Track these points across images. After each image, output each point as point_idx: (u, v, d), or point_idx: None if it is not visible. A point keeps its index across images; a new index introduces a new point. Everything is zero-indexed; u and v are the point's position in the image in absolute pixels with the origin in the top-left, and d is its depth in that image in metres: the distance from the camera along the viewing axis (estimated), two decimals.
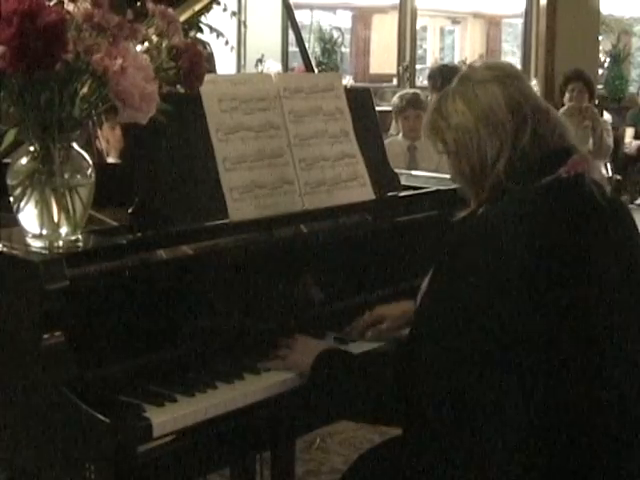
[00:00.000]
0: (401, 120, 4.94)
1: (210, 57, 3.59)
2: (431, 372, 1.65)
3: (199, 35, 3.05)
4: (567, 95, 6.41)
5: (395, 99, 5.04)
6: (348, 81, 7.41)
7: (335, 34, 8.40)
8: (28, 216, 1.65)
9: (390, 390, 1.71)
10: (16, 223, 1.68)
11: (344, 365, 1.81)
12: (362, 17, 10.37)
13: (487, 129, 1.71)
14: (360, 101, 2.31)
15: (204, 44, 3.13)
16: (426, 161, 4.78)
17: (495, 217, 1.67)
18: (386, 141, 3.31)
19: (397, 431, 1.86)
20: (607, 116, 7.79)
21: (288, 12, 2.75)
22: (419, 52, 9.45)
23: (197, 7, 2.65)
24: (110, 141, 2.32)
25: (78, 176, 1.66)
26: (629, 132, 8.72)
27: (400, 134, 4.96)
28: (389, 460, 1.86)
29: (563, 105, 6.32)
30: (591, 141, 6.06)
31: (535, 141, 1.71)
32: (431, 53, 11.00)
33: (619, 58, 9.78)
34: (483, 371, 1.60)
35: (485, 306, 1.60)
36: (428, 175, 2.83)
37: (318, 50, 8.09)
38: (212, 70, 3.46)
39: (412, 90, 5.59)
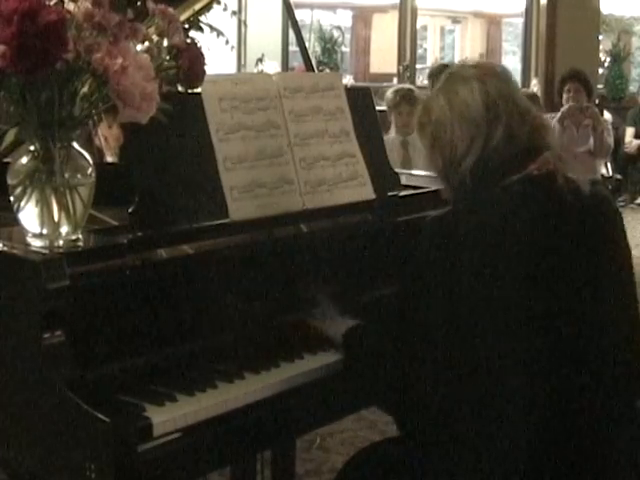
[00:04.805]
0: (394, 115, 4.87)
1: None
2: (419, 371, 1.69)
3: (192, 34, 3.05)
4: (565, 96, 6.41)
5: (389, 94, 4.95)
6: (348, 80, 7.42)
7: (335, 33, 8.41)
8: (28, 215, 1.65)
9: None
10: (16, 222, 1.68)
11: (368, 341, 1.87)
12: (362, 16, 10.37)
13: (460, 124, 1.75)
14: (360, 100, 2.31)
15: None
16: (420, 156, 4.75)
17: (461, 217, 1.70)
18: None
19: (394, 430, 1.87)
20: (607, 115, 7.80)
21: (288, 11, 2.75)
22: (419, 51, 9.46)
23: (197, 6, 2.65)
24: (108, 139, 2.32)
25: (78, 175, 1.66)
26: (629, 132, 8.73)
27: (393, 130, 4.91)
28: (385, 457, 1.87)
29: (562, 106, 6.32)
30: (591, 140, 6.07)
31: (508, 140, 1.74)
32: (431, 52, 11.01)
33: (619, 58, 9.79)
34: (468, 373, 1.63)
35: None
36: (428, 175, 2.83)
37: (318, 49, 8.10)
38: None
39: (407, 85, 5.54)
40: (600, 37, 9.39)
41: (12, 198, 1.66)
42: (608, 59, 9.71)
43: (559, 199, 1.68)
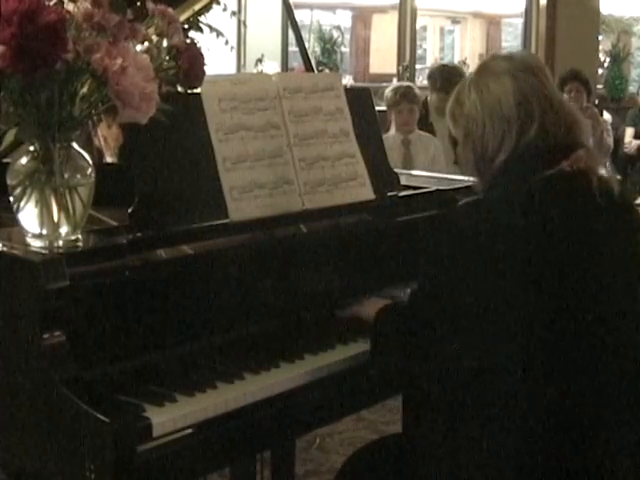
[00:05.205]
0: (394, 114, 4.84)
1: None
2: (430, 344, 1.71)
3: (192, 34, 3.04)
4: (565, 96, 6.39)
5: (388, 92, 4.92)
6: (348, 81, 7.41)
7: (335, 34, 8.39)
8: (28, 216, 1.65)
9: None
10: (16, 223, 1.68)
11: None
12: (362, 17, 10.36)
13: (492, 121, 1.74)
14: (360, 101, 2.31)
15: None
16: (421, 154, 4.74)
17: (491, 207, 1.69)
18: None
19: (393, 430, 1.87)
20: (607, 116, 7.78)
21: (288, 12, 2.75)
22: (419, 52, 9.44)
23: (197, 7, 2.65)
24: (107, 140, 2.32)
25: (78, 176, 1.66)
26: (629, 132, 8.72)
27: (393, 129, 4.89)
28: (383, 456, 1.88)
29: None
30: (591, 141, 6.07)
31: (541, 136, 1.72)
32: (431, 53, 10.99)
33: (619, 58, 9.77)
34: (475, 360, 1.62)
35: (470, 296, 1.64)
36: (428, 175, 2.83)
37: (318, 50, 8.09)
38: None
39: (406, 83, 5.52)
40: (600, 37, 9.38)
41: (12, 198, 1.66)
42: (608, 59, 9.70)
43: (589, 198, 1.68)
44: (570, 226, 1.66)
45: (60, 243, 1.65)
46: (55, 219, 1.64)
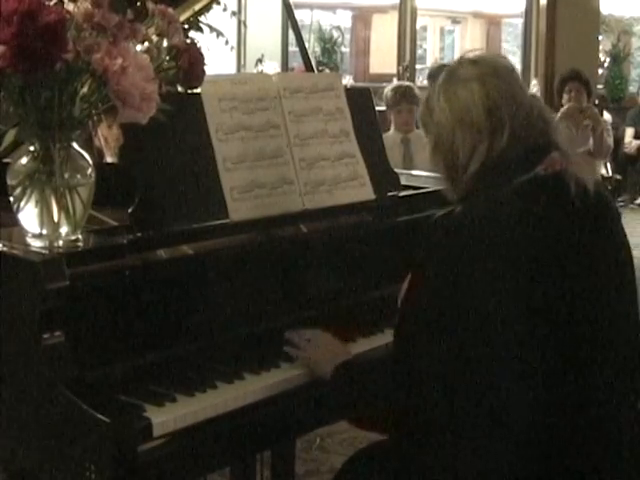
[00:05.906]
0: (394, 114, 4.83)
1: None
2: (422, 374, 1.66)
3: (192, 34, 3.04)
4: (565, 96, 6.40)
5: (388, 92, 4.89)
6: (348, 81, 7.41)
7: (335, 34, 8.41)
8: (28, 216, 1.65)
9: (389, 395, 1.74)
10: (16, 223, 1.68)
11: (361, 377, 1.82)
12: (362, 17, 10.37)
13: (462, 129, 1.70)
14: (360, 101, 2.31)
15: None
16: (420, 153, 4.72)
17: (469, 217, 1.66)
18: None
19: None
20: (607, 116, 7.79)
21: (288, 12, 2.75)
22: (419, 52, 9.46)
23: (197, 7, 2.65)
24: (108, 140, 2.32)
25: (78, 176, 1.67)
26: (629, 132, 8.74)
27: (392, 128, 4.88)
28: (383, 457, 1.87)
29: (562, 106, 6.31)
30: (591, 141, 6.06)
31: (513, 143, 1.68)
32: (431, 53, 11.01)
33: (619, 58, 9.79)
34: (473, 369, 1.61)
35: (460, 306, 1.61)
36: (428, 175, 2.83)
37: (318, 50, 8.11)
38: None
39: (406, 83, 5.52)
40: (600, 37, 9.39)
41: (12, 198, 1.66)
42: (608, 59, 9.71)
43: (565, 201, 1.65)
44: (549, 231, 1.64)
45: (60, 243, 1.65)
46: (55, 219, 1.64)
